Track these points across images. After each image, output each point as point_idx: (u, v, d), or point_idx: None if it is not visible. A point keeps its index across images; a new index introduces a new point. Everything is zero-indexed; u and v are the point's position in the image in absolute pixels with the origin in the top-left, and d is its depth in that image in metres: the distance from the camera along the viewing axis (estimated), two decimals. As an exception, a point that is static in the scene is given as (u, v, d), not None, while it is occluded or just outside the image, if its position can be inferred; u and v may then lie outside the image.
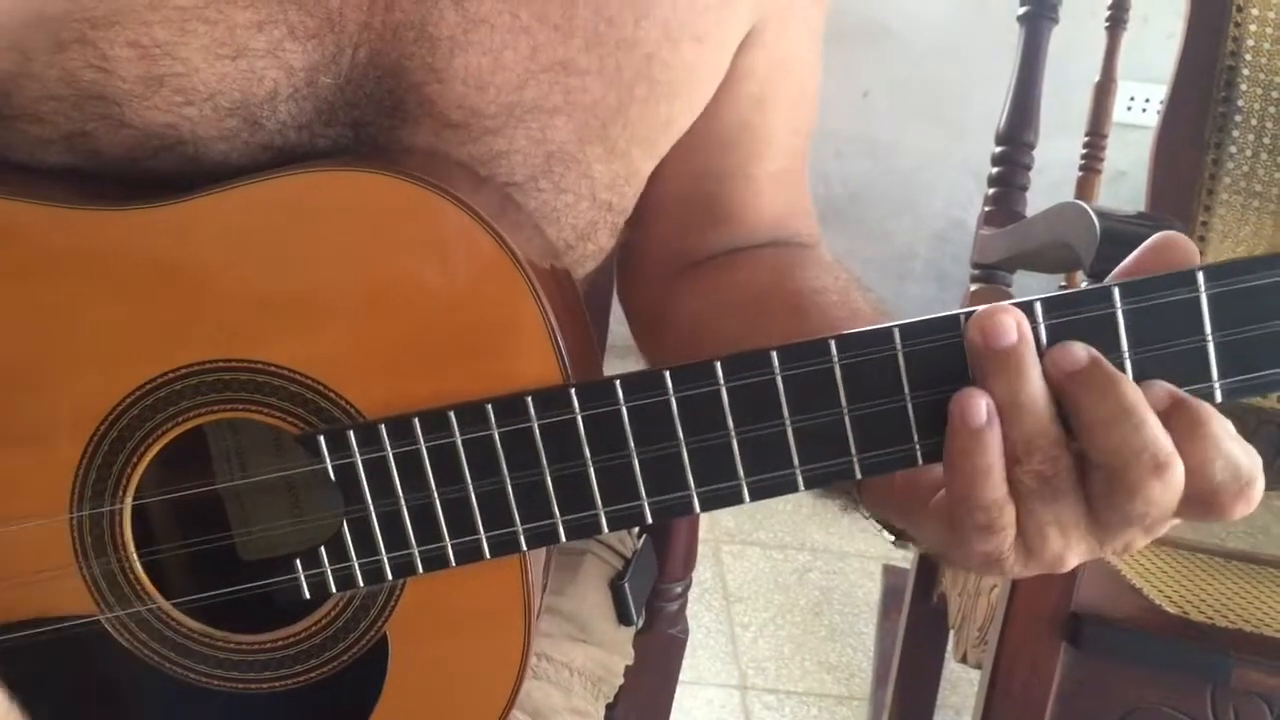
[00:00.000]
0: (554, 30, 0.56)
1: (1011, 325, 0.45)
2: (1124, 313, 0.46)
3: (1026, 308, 0.46)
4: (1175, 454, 0.44)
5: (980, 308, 0.46)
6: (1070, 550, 0.47)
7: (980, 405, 0.45)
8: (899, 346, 0.46)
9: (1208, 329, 0.46)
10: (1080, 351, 0.45)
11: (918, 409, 0.47)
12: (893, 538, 0.55)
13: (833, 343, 0.46)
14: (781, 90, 0.68)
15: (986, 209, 1.41)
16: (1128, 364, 0.46)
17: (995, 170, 1.41)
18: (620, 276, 0.77)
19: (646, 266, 0.73)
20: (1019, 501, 0.46)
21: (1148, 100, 2.54)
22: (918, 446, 0.47)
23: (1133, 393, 0.45)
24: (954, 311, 0.47)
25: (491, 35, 0.54)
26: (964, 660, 1.21)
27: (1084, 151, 1.46)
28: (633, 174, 0.62)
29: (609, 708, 0.79)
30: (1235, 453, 0.45)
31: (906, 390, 0.47)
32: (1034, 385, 0.45)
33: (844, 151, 2.59)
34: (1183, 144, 1.37)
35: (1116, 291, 0.45)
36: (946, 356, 0.46)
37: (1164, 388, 0.46)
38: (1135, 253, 0.47)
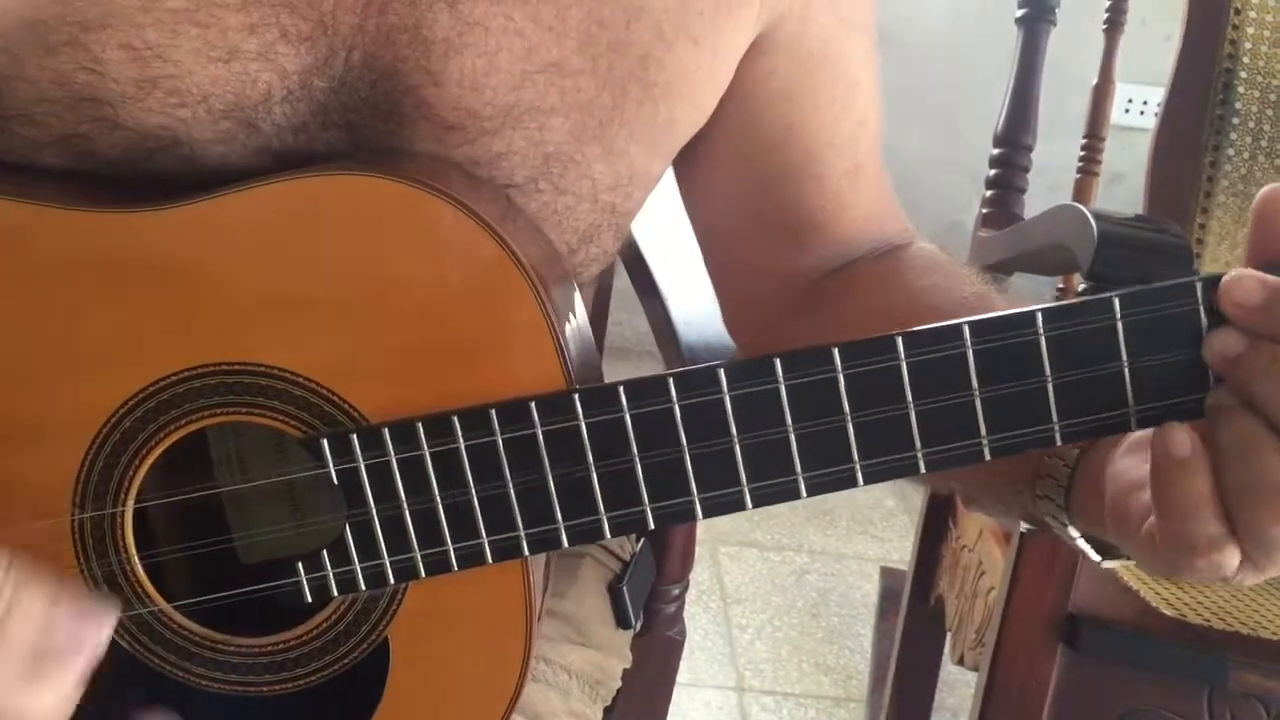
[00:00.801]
0: (548, 32, 0.56)
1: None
2: (1123, 323, 0.46)
3: (1028, 317, 0.46)
4: None
5: (994, 318, 0.45)
6: None
7: (1183, 439, 0.44)
8: (903, 355, 0.46)
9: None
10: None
11: (921, 418, 0.47)
12: (1099, 557, 0.53)
13: (836, 351, 0.47)
14: (817, 85, 0.67)
15: (984, 211, 1.41)
16: (1125, 373, 0.46)
17: (993, 172, 1.41)
18: (730, 314, 0.76)
19: (750, 295, 0.73)
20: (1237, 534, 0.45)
21: (1145, 103, 2.54)
22: (919, 455, 0.47)
23: None
24: (958, 320, 0.47)
25: (486, 38, 0.55)
26: (961, 662, 1.21)
27: (1082, 154, 1.46)
28: (636, 175, 0.62)
29: (607, 710, 0.79)
30: None
31: (909, 399, 0.47)
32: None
33: (842, 153, 2.58)
34: (1180, 146, 1.37)
35: (1116, 302, 0.46)
36: (950, 366, 0.46)
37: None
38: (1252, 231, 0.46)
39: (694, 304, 0.84)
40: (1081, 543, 0.53)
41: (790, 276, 0.70)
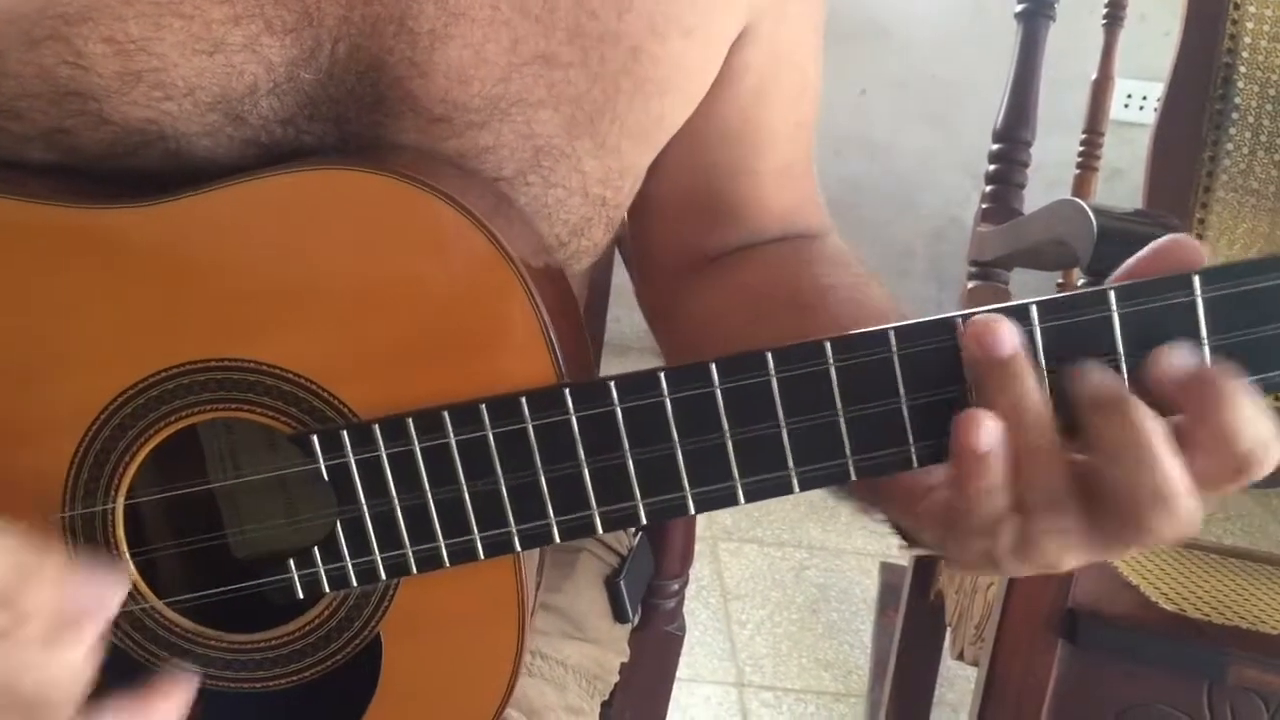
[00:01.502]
0: (535, 23, 0.55)
1: (1010, 333, 0.45)
2: (1120, 316, 0.45)
3: (1022, 310, 0.46)
4: (1185, 494, 0.44)
5: (974, 314, 0.46)
6: (1067, 555, 0.47)
7: (986, 428, 0.45)
8: (894, 348, 0.46)
9: (1204, 332, 0.46)
10: (1109, 379, 0.45)
11: (913, 411, 0.47)
12: (901, 542, 0.54)
13: (828, 344, 0.46)
14: (781, 84, 0.68)
15: (984, 207, 1.41)
16: (1123, 367, 0.46)
17: (992, 168, 1.41)
18: (634, 273, 0.77)
19: (658, 263, 0.73)
20: (1019, 510, 0.46)
21: (1145, 98, 2.54)
22: (913, 449, 0.47)
23: (1151, 426, 0.44)
24: (950, 314, 0.46)
25: (472, 28, 0.54)
26: (961, 657, 1.21)
27: (1081, 149, 1.46)
28: (627, 169, 0.61)
29: (605, 705, 0.79)
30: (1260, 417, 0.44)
31: (902, 392, 0.47)
32: (1033, 395, 0.45)
33: (841, 150, 2.59)
34: (1180, 142, 1.37)
35: (1113, 295, 0.45)
36: (942, 359, 0.46)
37: (1177, 364, 0.45)
38: (1140, 253, 0.47)
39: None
40: (890, 529, 0.54)
41: (696, 251, 0.71)
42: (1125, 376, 0.46)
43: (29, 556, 0.43)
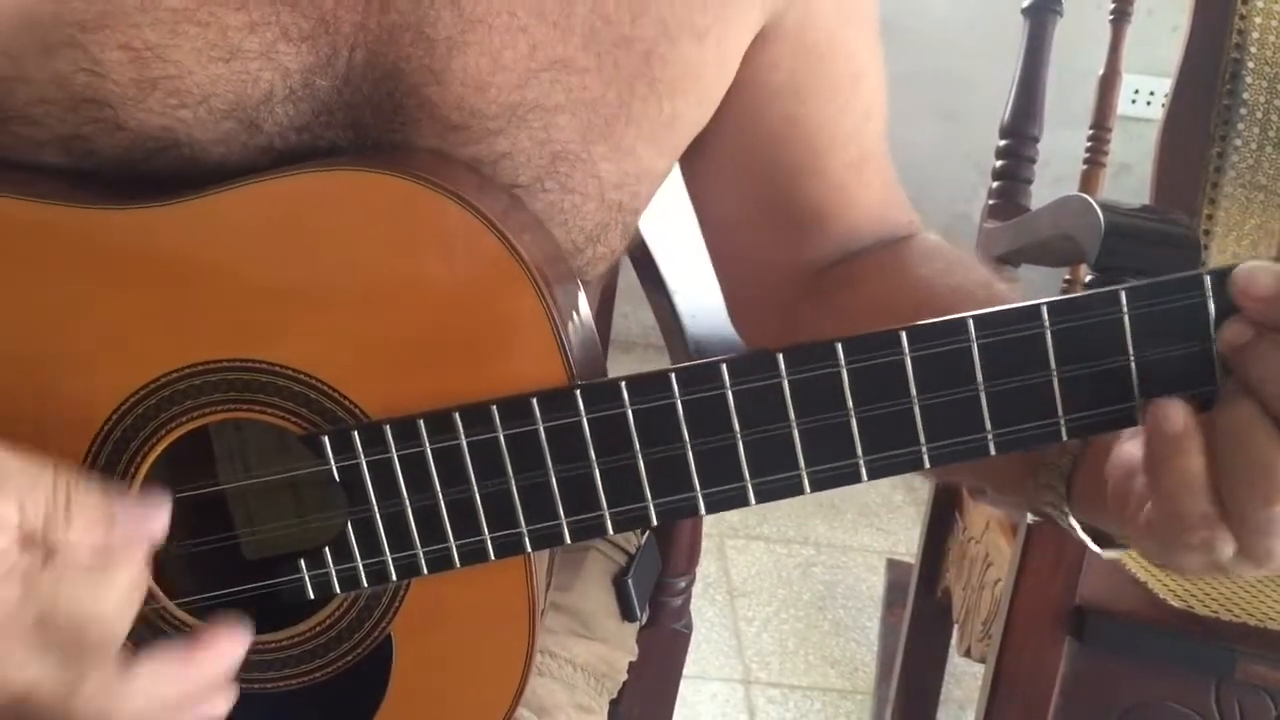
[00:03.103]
0: (552, 28, 0.55)
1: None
2: (1130, 317, 0.45)
3: (1033, 311, 0.46)
4: None
5: (999, 310, 0.45)
6: None
7: (1176, 411, 0.45)
8: (906, 350, 0.46)
9: (1214, 334, 0.46)
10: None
11: (925, 412, 0.47)
12: (1099, 548, 0.53)
13: (839, 345, 0.46)
14: (820, 78, 0.67)
15: (991, 202, 1.41)
16: (1133, 367, 0.46)
17: (999, 163, 1.41)
18: (739, 318, 0.76)
19: (754, 285, 0.72)
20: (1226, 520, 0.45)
21: (1152, 93, 2.53)
22: (924, 450, 0.47)
23: None
24: (962, 315, 0.46)
25: (489, 35, 0.54)
26: (968, 654, 1.21)
27: (1088, 144, 1.45)
28: (643, 173, 0.61)
29: (613, 703, 0.79)
30: None
31: (913, 393, 0.47)
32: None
33: (847, 145, 2.58)
34: (1187, 137, 1.36)
35: (1124, 295, 0.45)
36: (955, 360, 0.46)
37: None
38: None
39: (700, 298, 0.84)
40: (1080, 532, 0.53)
41: (793, 268, 0.70)
42: (1135, 376, 0.46)
43: (66, 486, 0.43)
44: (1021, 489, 0.55)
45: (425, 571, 0.50)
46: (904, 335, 0.46)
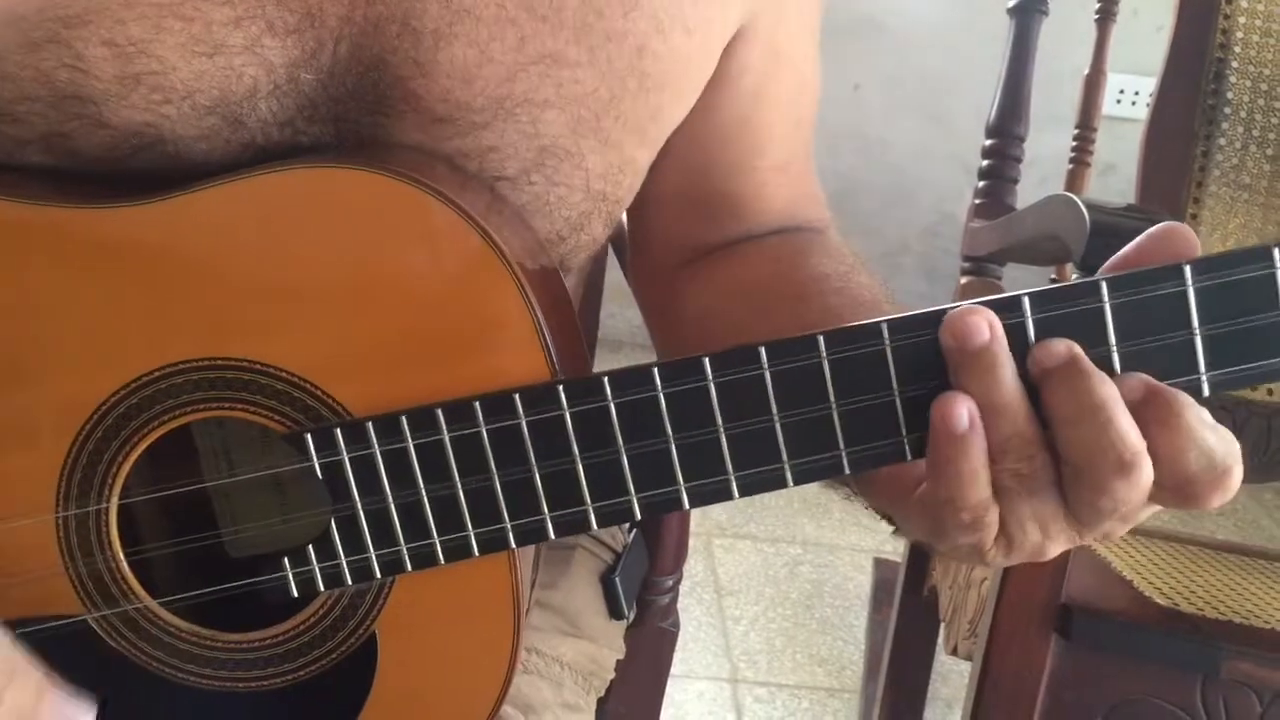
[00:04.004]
0: (541, 21, 0.55)
1: (983, 326, 0.45)
2: (1111, 307, 0.46)
3: (1014, 303, 0.46)
4: (1142, 453, 0.44)
5: (953, 306, 0.46)
6: (1050, 541, 0.47)
7: (961, 411, 0.45)
8: (887, 341, 0.46)
9: (1195, 322, 0.46)
10: (1059, 347, 0.46)
11: (906, 404, 0.47)
12: (893, 528, 0.55)
13: (821, 338, 0.46)
14: (779, 84, 0.68)
15: (977, 202, 1.41)
16: (1115, 358, 0.46)
17: (985, 163, 1.41)
18: (631, 268, 0.77)
19: (655, 259, 0.73)
20: (999, 498, 0.47)
21: (1137, 93, 2.54)
22: (906, 441, 0.47)
23: (1103, 389, 0.45)
24: (941, 307, 0.46)
25: (477, 27, 0.54)
26: (955, 653, 1.21)
27: (1074, 144, 1.46)
28: (626, 163, 0.61)
29: (600, 701, 0.79)
30: (1210, 441, 0.45)
31: (894, 385, 0.47)
32: (1007, 385, 0.45)
33: (835, 146, 2.59)
34: (1172, 137, 1.37)
35: (1104, 286, 0.45)
36: (933, 351, 0.46)
37: (1139, 379, 0.46)
38: (1135, 241, 0.47)
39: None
40: (877, 517, 0.55)
41: (694, 243, 0.71)
42: (1118, 369, 0.46)
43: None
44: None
45: (409, 568, 0.50)
46: (885, 328, 0.46)
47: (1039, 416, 0.46)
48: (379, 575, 0.50)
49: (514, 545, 0.49)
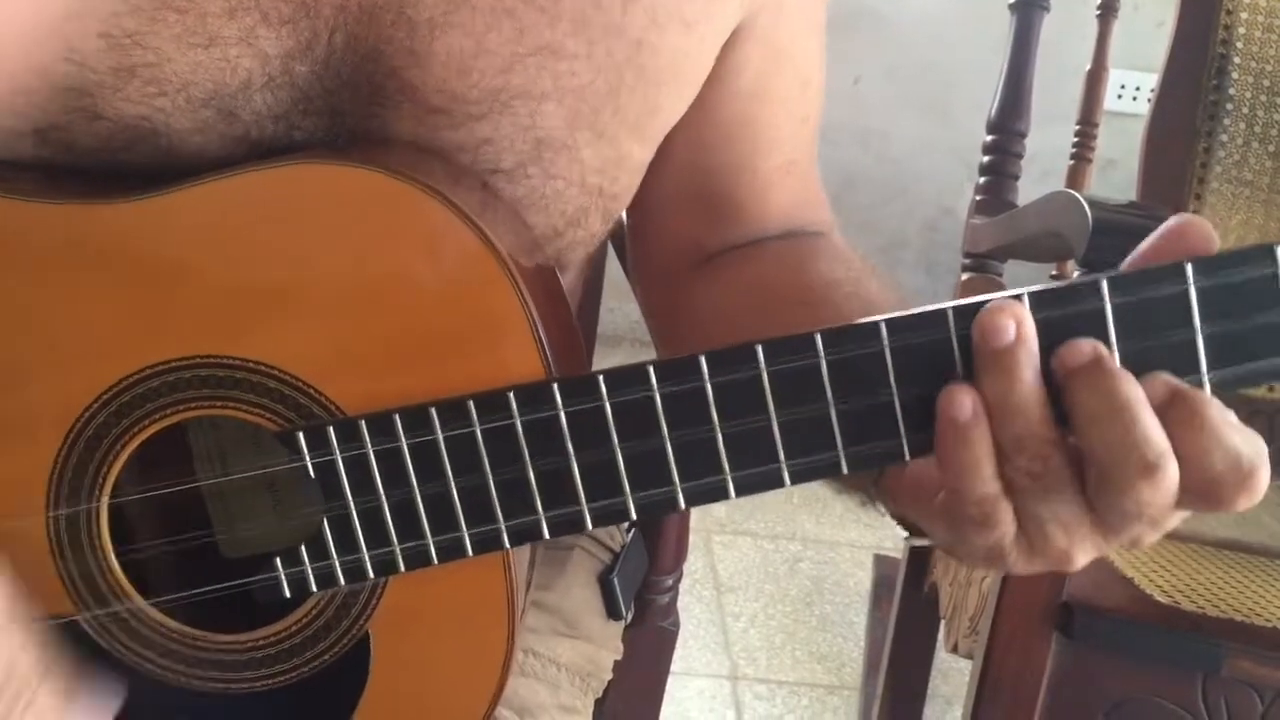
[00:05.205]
0: (540, 13, 0.55)
1: (1009, 326, 0.45)
2: (1112, 306, 0.45)
3: (1014, 301, 0.45)
4: (1167, 454, 0.44)
5: (980, 301, 0.45)
6: (1075, 547, 0.46)
7: (965, 401, 0.45)
8: (886, 341, 0.46)
9: (1196, 322, 0.45)
10: (1085, 347, 0.45)
11: (905, 404, 0.46)
12: (907, 533, 0.54)
13: (819, 337, 0.46)
14: (780, 82, 0.67)
15: (978, 198, 1.41)
16: (1116, 357, 0.45)
17: (986, 159, 1.41)
18: (635, 272, 0.76)
19: (657, 261, 0.73)
20: (1014, 498, 0.46)
21: (1138, 89, 2.53)
22: (905, 441, 0.47)
23: (1128, 390, 0.44)
24: (940, 305, 0.46)
25: (474, 17, 0.53)
26: (955, 650, 1.21)
27: (1075, 140, 1.46)
28: (623, 158, 0.61)
29: (598, 702, 0.78)
30: (1235, 443, 0.44)
31: (893, 385, 0.46)
32: (1025, 386, 0.45)
33: (835, 140, 2.58)
34: (1174, 133, 1.37)
35: (1105, 285, 0.45)
36: (934, 351, 0.46)
37: (1162, 380, 0.45)
38: (1149, 240, 0.46)
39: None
40: (888, 517, 0.54)
41: (698, 246, 0.71)
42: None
43: (28, 683, 0.43)
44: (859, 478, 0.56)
45: (403, 568, 0.49)
46: (884, 326, 0.46)
47: (1058, 415, 0.45)
48: (372, 575, 0.50)
49: (508, 545, 0.49)
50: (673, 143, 0.64)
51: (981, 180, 1.41)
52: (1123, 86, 2.54)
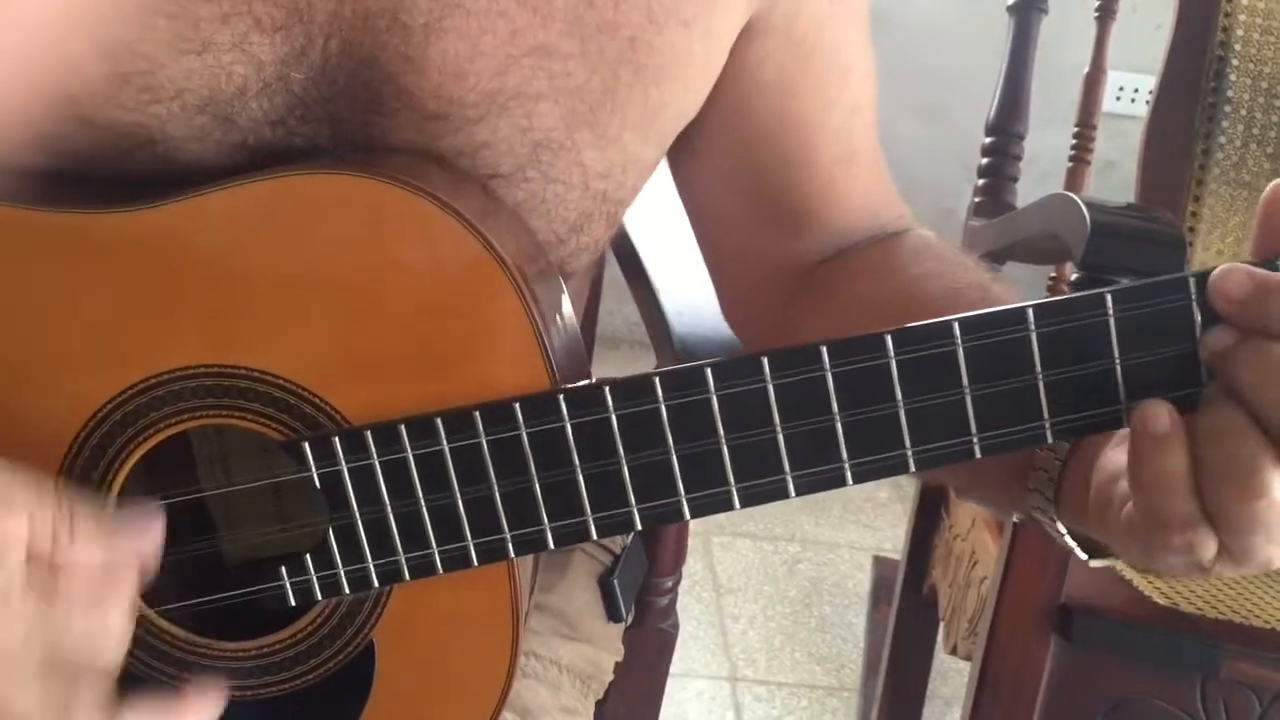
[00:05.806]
0: (532, 13, 0.55)
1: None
2: (1115, 320, 0.45)
3: (1018, 314, 0.45)
4: None
5: (960, 318, 0.45)
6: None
7: (1162, 414, 0.45)
8: (891, 353, 0.46)
9: (1199, 336, 0.45)
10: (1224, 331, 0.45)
11: (909, 415, 0.47)
12: (1086, 556, 0.53)
13: (824, 349, 0.46)
14: (809, 73, 0.66)
15: (976, 200, 1.41)
16: (1118, 370, 0.46)
17: (985, 161, 1.41)
18: (727, 302, 0.75)
19: (745, 281, 0.72)
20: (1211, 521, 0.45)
21: (1137, 90, 2.53)
22: (910, 455, 0.47)
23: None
24: (944, 319, 0.46)
25: (467, 20, 0.53)
26: (954, 652, 1.21)
27: (1073, 142, 1.46)
28: (629, 161, 0.61)
29: (598, 704, 0.78)
30: None
31: (899, 396, 0.46)
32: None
33: (833, 141, 2.58)
34: (1172, 134, 1.37)
35: (1109, 298, 0.45)
36: (940, 362, 0.46)
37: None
38: (1261, 223, 0.46)
39: (686, 295, 0.84)
40: (1068, 539, 0.53)
41: (784, 264, 0.70)
42: (1120, 378, 0.46)
43: (69, 504, 0.43)
44: (1008, 491, 0.55)
45: (407, 578, 0.49)
46: (889, 339, 0.46)
47: None
48: (377, 585, 0.50)
49: (513, 555, 0.49)
50: (713, 150, 0.64)
51: (980, 182, 1.41)
52: (1121, 88, 2.54)
